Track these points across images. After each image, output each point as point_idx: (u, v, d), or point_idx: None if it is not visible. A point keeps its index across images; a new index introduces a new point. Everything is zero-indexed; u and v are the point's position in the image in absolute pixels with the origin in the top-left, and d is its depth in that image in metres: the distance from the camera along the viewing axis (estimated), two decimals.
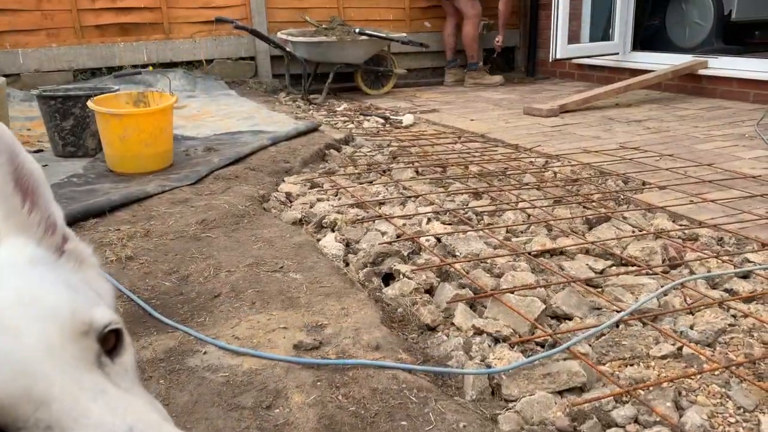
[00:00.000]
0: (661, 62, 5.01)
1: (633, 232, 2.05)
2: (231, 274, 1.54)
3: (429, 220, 2.12)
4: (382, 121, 4.11)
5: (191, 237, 1.81)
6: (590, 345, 1.35)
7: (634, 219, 2.14)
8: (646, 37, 5.65)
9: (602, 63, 5.37)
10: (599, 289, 1.63)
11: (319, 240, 1.89)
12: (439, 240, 1.92)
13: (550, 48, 4.95)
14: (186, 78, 5.09)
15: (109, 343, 0.53)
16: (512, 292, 1.55)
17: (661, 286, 1.59)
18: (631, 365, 1.28)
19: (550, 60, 4.93)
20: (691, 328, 1.41)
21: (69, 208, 2.01)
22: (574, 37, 5.63)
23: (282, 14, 5.44)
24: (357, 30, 4.93)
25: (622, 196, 2.40)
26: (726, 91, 4.46)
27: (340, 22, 5.26)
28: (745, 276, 1.68)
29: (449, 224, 2.09)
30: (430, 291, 1.62)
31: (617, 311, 1.47)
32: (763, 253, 1.83)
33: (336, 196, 2.45)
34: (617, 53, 5.27)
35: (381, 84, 5.42)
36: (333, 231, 2.05)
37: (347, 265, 1.78)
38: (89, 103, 2.54)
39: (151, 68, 5.07)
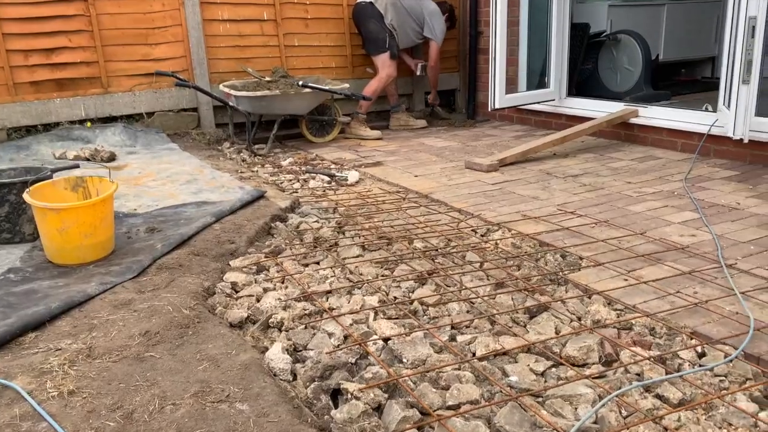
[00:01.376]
0: (594, 109, 5.22)
1: (571, 320, 2.13)
2: (176, 408, 1.53)
3: (376, 313, 2.15)
4: (327, 179, 4.13)
5: (135, 357, 1.78)
6: None
7: (572, 305, 2.23)
8: (581, 81, 5.87)
9: (539, 108, 5.55)
10: (540, 399, 1.69)
11: (265, 352, 1.89)
12: (386, 341, 1.95)
13: (489, 91, 5.08)
14: (126, 132, 5.01)
15: None
16: (458, 408, 1.60)
17: (599, 396, 1.66)
18: None
19: (489, 109, 5.06)
20: None
21: (6, 322, 1.96)
22: (511, 81, 5.80)
23: (223, 64, 5.43)
24: (300, 83, 4.96)
25: (560, 275, 2.48)
26: (656, 140, 4.67)
27: (282, 74, 5.28)
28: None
29: (396, 318, 2.13)
30: (379, 408, 1.64)
31: None
32: (692, 346, 1.93)
33: (282, 283, 2.45)
34: (553, 99, 5.45)
35: (326, 132, 5.46)
36: (280, 331, 2.06)
37: (295, 378, 1.79)
38: (25, 196, 2.48)
39: (89, 124, 4.98)
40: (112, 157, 4.55)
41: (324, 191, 3.93)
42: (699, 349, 1.93)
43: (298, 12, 5.65)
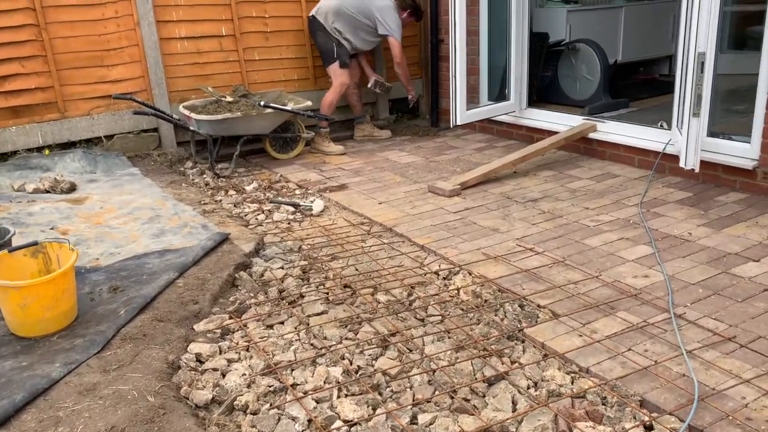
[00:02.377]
0: (554, 121, 5.29)
1: (528, 386, 2.22)
2: None
3: (340, 389, 2.21)
4: (292, 209, 4.15)
5: None
6: None
7: (529, 370, 2.31)
8: (541, 89, 5.94)
9: (501, 118, 5.60)
10: None
11: None
12: (350, 426, 2.01)
13: (450, 106, 5.11)
14: (86, 158, 4.94)
15: None
16: None
17: None
18: None
19: (451, 125, 5.10)
20: None
21: None
22: (472, 90, 5.85)
23: (183, 83, 5.36)
24: (262, 103, 4.93)
25: (518, 332, 2.56)
26: (614, 155, 4.77)
27: (243, 92, 5.24)
28: None
29: (360, 394, 2.19)
30: None
31: None
32: (641, 422, 2.03)
33: (247, 351, 2.49)
34: (514, 111, 5.51)
35: (290, 148, 5.45)
36: (245, 414, 2.11)
37: None
38: None
39: (47, 152, 4.89)
40: (72, 188, 4.48)
41: (289, 224, 3.95)
42: (647, 421, 2.03)
43: (257, 26, 5.58)
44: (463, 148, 5.55)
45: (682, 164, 3.71)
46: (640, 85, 6.79)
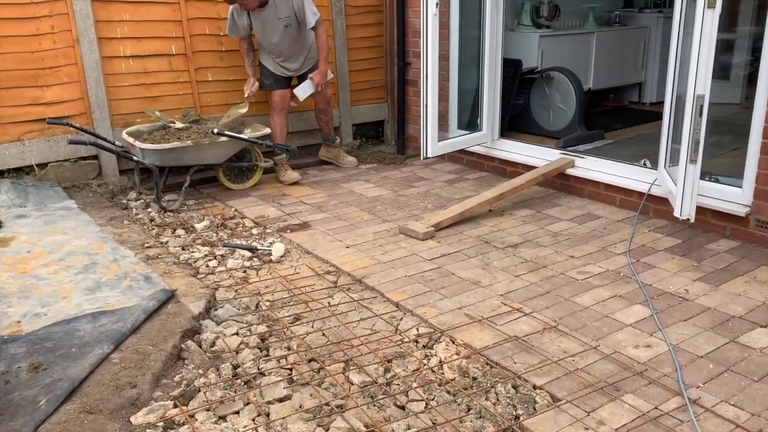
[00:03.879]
0: (528, 154, 5.01)
1: None
2: None
3: None
4: (248, 254, 3.72)
5: None
6: None
7: None
8: (513, 117, 5.66)
9: (472, 149, 5.30)
10: None
11: None
12: None
13: (420, 137, 4.76)
14: (15, 190, 4.41)
15: None
16: None
17: None
18: None
19: (422, 158, 4.76)
20: None
21: None
22: (442, 117, 5.53)
23: (128, 105, 4.88)
24: (215, 130, 4.49)
25: (516, 424, 2.21)
26: (594, 193, 4.51)
27: (194, 117, 4.80)
28: None
29: None
30: None
31: None
32: None
33: None
34: (486, 142, 5.21)
35: (246, 178, 5.02)
36: None
37: None
38: None
39: None
40: None
41: (245, 272, 3.53)
42: None
43: (211, 44, 5.14)
44: (432, 179, 5.22)
45: (676, 213, 3.45)
46: (611, 114, 6.60)
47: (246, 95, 5.01)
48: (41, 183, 4.57)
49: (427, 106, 4.59)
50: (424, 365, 2.59)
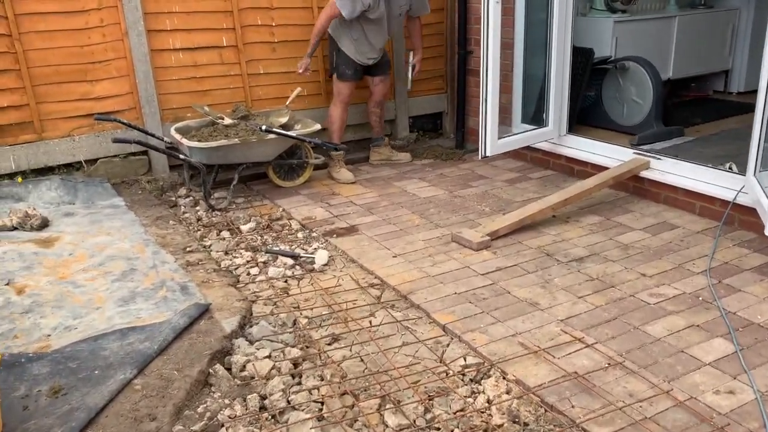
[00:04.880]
0: (599, 153, 4.60)
1: None
2: None
3: None
4: (291, 262, 3.53)
5: None
6: None
7: None
8: (584, 109, 5.23)
9: (537, 145, 4.93)
10: None
11: None
12: None
13: (479, 134, 4.44)
14: (65, 186, 4.37)
15: None
16: None
17: None
18: None
19: (480, 157, 4.44)
20: None
21: None
22: (504, 110, 5.18)
23: (178, 99, 4.76)
24: (263, 128, 4.30)
25: None
26: (671, 198, 4.08)
27: (244, 113, 4.62)
28: None
29: None
30: None
31: None
32: None
33: None
34: (552, 138, 4.83)
35: (296, 174, 4.83)
36: None
37: None
38: None
39: (20, 179, 4.32)
40: (44, 224, 3.91)
41: (286, 281, 3.34)
42: None
43: (262, 36, 4.95)
44: (492, 178, 4.89)
45: (767, 232, 3.02)
46: (692, 105, 6.05)
47: (301, 72, 4.80)
48: (90, 179, 4.52)
49: (487, 100, 4.26)
50: (470, 404, 2.32)
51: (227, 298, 3.06)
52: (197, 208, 4.40)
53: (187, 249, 3.65)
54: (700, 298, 3.00)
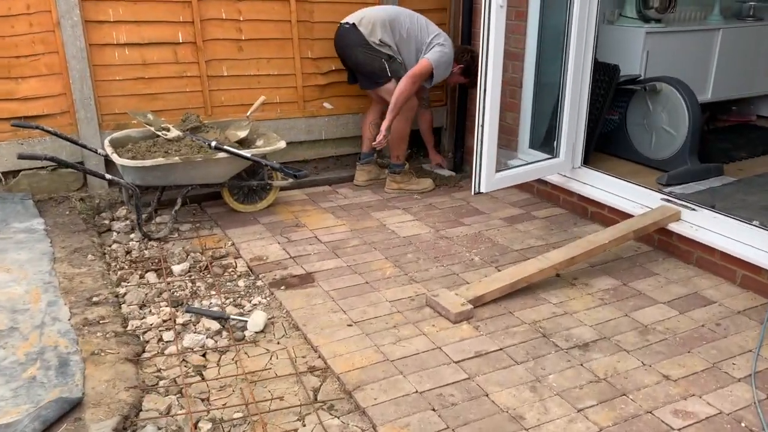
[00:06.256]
0: (618, 193, 3.81)
1: None
2: None
3: None
4: (217, 326, 2.80)
5: None
6: None
7: None
8: (604, 135, 4.43)
9: (546, 177, 4.14)
10: None
11: None
12: None
13: (473, 166, 3.65)
14: None
15: None
16: None
17: None
18: None
19: (473, 193, 3.65)
20: None
21: None
22: (509, 132, 4.42)
23: (122, 103, 4.03)
24: (213, 144, 3.58)
25: None
26: (705, 260, 3.28)
27: (194, 124, 3.88)
28: None
29: None
30: None
31: None
32: None
33: None
34: (564, 171, 4.04)
35: (258, 198, 4.10)
36: None
37: None
38: None
39: None
40: None
41: (204, 355, 2.61)
42: None
43: (227, 32, 4.20)
44: (489, 214, 4.11)
45: None
46: (732, 133, 5.21)
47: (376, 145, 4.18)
48: (10, 195, 3.82)
49: (483, 126, 3.48)
50: None
51: (114, 384, 2.33)
52: (132, 235, 3.68)
53: (93, 299, 2.93)
54: (743, 424, 2.21)
